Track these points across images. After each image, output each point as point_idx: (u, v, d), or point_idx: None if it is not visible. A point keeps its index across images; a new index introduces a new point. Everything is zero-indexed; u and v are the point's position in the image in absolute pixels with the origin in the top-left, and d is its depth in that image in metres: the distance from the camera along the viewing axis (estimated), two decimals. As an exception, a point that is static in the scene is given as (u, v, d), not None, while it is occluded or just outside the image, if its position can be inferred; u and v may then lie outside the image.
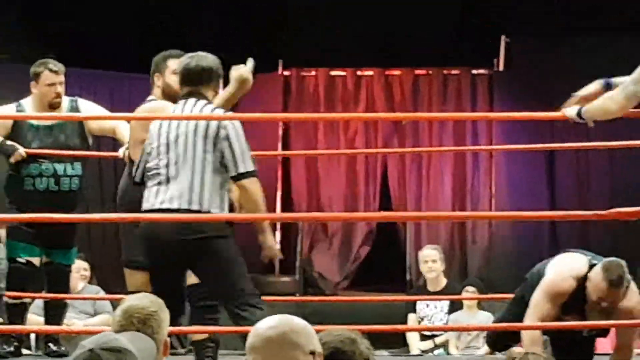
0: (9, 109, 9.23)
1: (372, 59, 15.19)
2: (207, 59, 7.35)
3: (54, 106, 9.09)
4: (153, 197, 7.07)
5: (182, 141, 7.17)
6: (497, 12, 14.57)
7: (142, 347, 4.29)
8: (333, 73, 15.55)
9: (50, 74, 9.07)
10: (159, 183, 7.14)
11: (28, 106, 9.26)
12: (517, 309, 7.94)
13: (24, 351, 9.86)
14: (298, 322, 3.89)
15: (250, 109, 13.43)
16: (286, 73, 15.50)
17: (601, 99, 7.00)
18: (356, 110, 15.33)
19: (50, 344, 9.68)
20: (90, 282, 11.57)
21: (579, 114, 7.06)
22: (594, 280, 7.50)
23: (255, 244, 10.99)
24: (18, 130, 9.15)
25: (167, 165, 7.16)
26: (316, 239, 15.39)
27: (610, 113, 7.05)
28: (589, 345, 8.20)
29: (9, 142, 9.03)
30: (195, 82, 7.29)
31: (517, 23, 14.80)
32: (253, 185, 7.22)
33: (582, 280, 7.59)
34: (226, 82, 7.71)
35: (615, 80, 7.10)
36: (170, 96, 7.70)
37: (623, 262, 7.52)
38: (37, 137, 9.18)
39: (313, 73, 15.54)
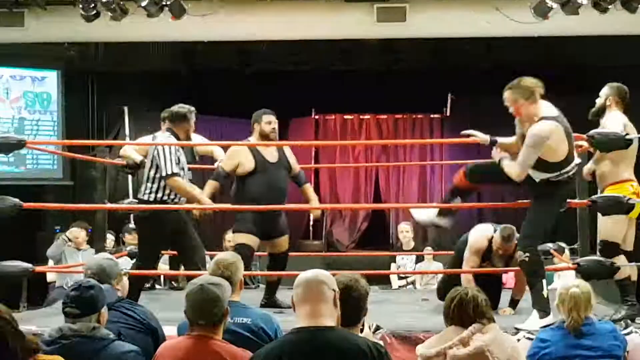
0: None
1: (369, 107, 15.85)
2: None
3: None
4: None
5: None
6: (446, 78, 14.86)
7: (227, 284, 4.55)
8: (345, 117, 16.21)
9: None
10: None
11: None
12: (456, 262, 8.19)
13: (157, 286, 10.48)
14: (325, 272, 4.09)
15: (295, 138, 15.13)
16: (316, 117, 16.25)
17: (508, 165, 6.77)
18: (359, 139, 16.00)
19: (173, 282, 10.42)
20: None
21: (493, 142, 7.04)
22: (495, 238, 7.67)
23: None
24: None
25: None
26: (335, 218, 15.99)
27: (514, 175, 6.72)
28: (498, 279, 8.34)
29: None
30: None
31: (457, 85, 15.22)
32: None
33: (490, 240, 7.79)
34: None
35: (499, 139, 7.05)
36: (264, 137, 8.23)
37: (513, 227, 7.55)
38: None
39: (333, 117, 16.26)
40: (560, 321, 5.56)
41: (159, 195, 7.70)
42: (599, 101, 7.54)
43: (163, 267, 10.51)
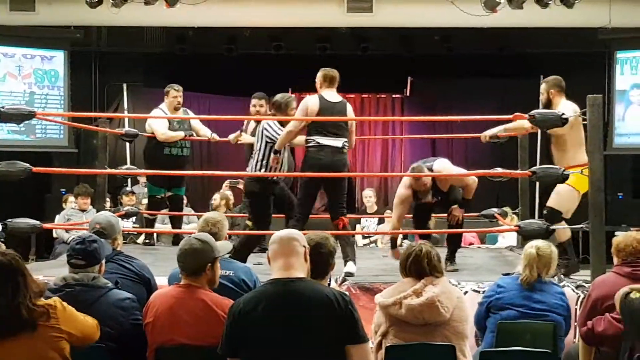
0: (159, 111, 9.50)
1: (339, 88, 14.93)
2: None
3: (176, 109, 9.48)
4: None
5: None
6: (407, 63, 14.80)
7: (214, 243, 4.55)
8: None
9: (175, 91, 9.47)
10: None
11: (165, 109, 9.49)
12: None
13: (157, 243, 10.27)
14: (297, 231, 4.21)
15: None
16: (293, 95, 15.86)
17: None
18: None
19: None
20: (186, 206, 11.25)
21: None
22: (409, 181, 7.82)
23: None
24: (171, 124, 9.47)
25: None
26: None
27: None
28: (429, 211, 8.24)
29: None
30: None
31: (417, 69, 15.12)
32: None
33: (410, 186, 7.85)
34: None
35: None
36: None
37: (419, 164, 7.76)
38: (177, 127, 9.46)
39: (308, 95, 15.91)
40: (517, 273, 5.64)
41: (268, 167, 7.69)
42: (542, 97, 7.53)
43: (162, 226, 10.56)
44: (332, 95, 7.56)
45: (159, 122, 9.44)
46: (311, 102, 7.47)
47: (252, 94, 9.20)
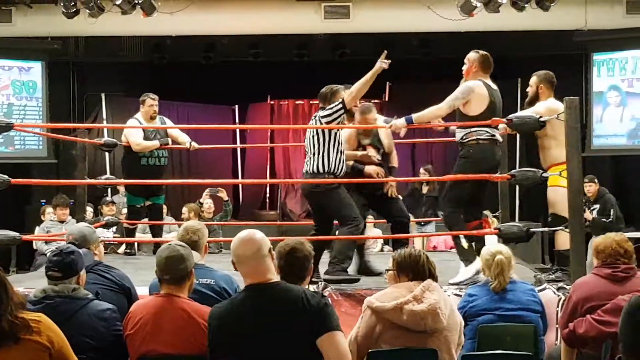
0: (134, 121, 9.40)
1: (316, 94, 15.58)
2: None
3: (153, 118, 9.33)
4: None
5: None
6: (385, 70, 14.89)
7: (191, 251, 4.54)
8: (297, 102, 16.29)
9: (151, 100, 9.32)
10: None
11: (140, 119, 9.35)
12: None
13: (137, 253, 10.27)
14: (257, 231, 4.16)
15: (253, 122, 15.14)
16: (272, 102, 16.29)
17: (429, 109, 7.01)
18: (309, 122, 15.23)
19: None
20: (167, 215, 11.19)
21: (409, 121, 7.00)
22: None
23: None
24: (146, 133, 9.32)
25: None
26: (288, 191, 15.84)
27: (437, 116, 7.09)
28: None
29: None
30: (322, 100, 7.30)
31: (395, 74, 14.95)
32: None
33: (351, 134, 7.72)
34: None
35: (413, 116, 7.02)
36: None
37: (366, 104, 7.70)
38: (152, 136, 9.32)
39: (286, 102, 16.34)
40: (485, 280, 5.62)
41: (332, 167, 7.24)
42: (530, 90, 7.44)
43: (143, 236, 10.52)
44: (491, 82, 7.09)
45: (133, 133, 9.33)
46: (477, 86, 6.93)
47: (232, 101, 8.95)
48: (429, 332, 4.50)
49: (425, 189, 12.01)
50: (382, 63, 7.03)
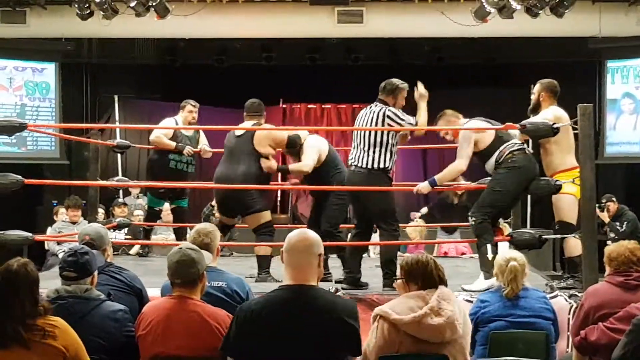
0: (171, 120, 9.34)
1: (330, 98, 15.83)
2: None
3: (191, 124, 9.32)
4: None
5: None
6: (397, 72, 14.61)
7: (205, 253, 4.58)
8: (309, 106, 16.31)
9: (191, 107, 9.29)
10: None
11: (179, 121, 9.30)
12: None
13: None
14: (314, 234, 4.13)
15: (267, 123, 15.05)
16: (284, 106, 16.28)
17: (448, 168, 7.13)
18: (321, 125, 15.78)
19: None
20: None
21: (433, 184, 7.07)
22: None
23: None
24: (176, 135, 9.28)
25: None
26: (299, 195, 15.67)
27: (459, 172, 7.17)
28: None
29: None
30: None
31: (406, 79, 14.70)
32: None
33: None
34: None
35: (436, 178, 7.08)
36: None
37: None
38: (181, 140, 9.27)
39: (298, 106, 16.32)
40: (498, 286, 5.56)
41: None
42: (533, 98, 7.46)
43: (156, 238, 10.54)
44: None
45: (163, 129, 9.32)
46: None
47: (243, 104, 8.96)
48: (445, 342, 4.41)
49: (455, 200, 11.83)
50: (421, 92, 7.29)
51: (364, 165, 7.07)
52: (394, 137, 7.16)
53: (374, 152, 7.07)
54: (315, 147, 7.91)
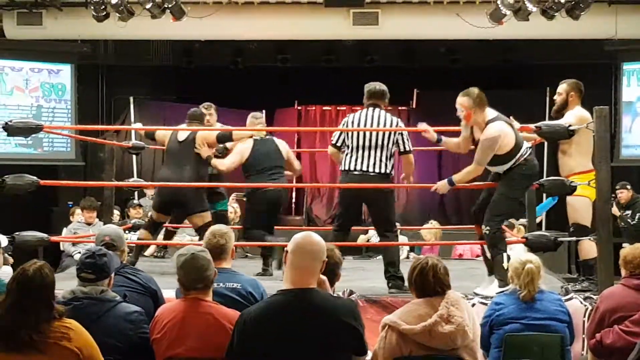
0: None
1: (345, 100, 15.34)
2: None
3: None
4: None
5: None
6: (412, 74, 14.68)
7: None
8: (324, 108, 16.17)
9: (204, 110, 8.76)
10: None
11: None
12: None
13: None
14: (319, 238, 4.10)
15: (280, 126, 15.20)
16: (299, 108, 16.21)
17: (466, 171, 6.80)
18: (336, 127, 15.30)
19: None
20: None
21: (450, 183, 6.89)
22: None
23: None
24: None
25: None
26: (314, 197, 15.94)
27: (477, 174, 6.79)
28: None
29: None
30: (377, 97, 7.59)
31: (422, 81, 15.03)
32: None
33: None
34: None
35: (453, 178, 6.90)
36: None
37: None
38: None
39: (313, 108, 16.21)
40: (513, 288, 5.50)
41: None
42: (559, 98, 7.41)
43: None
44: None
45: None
46: (502, 132, 6.67)
47: (259, 106, 8.94)
48: (456, 347, 4.40)
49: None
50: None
51: (381, 172, 7.10)
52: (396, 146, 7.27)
53: (388, 159, 7.19)
54: (238, 153, 8.32)
